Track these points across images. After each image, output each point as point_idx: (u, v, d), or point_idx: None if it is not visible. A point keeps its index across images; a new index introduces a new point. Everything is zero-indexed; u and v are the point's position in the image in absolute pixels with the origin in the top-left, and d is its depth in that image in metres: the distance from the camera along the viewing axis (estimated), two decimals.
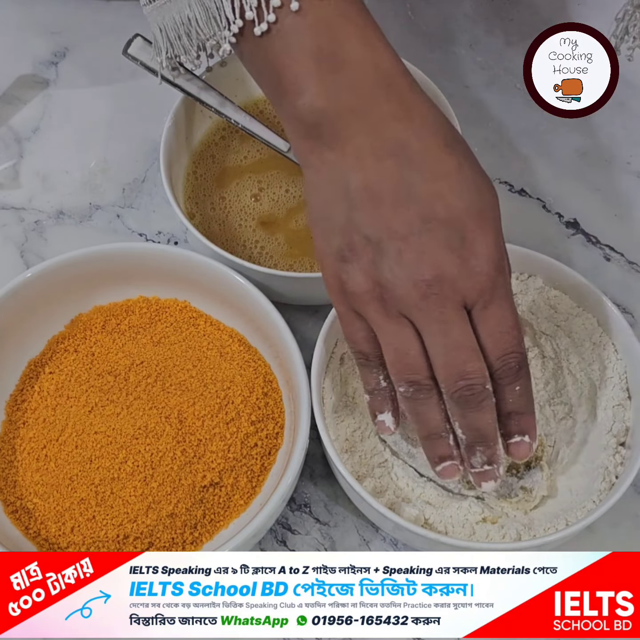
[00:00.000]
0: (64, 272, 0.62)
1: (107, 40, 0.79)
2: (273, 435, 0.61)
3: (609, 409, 0.59)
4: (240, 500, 0.59)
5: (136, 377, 0.62)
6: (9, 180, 0.74)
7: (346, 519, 0.62)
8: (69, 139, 0.76)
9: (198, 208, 0.68)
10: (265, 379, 0.62)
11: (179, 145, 0.67)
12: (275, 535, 0.61)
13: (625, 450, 0.58)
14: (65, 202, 0.73)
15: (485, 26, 0.81)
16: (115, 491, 0.58)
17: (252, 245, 0.67)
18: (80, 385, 0.62)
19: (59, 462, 0.59)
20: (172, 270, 0.63)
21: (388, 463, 0.58)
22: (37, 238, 0.72)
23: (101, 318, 0.65)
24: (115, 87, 0.78)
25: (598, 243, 0.72)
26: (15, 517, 0.59)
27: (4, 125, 0.76)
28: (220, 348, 0.63)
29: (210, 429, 0.60)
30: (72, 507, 0.58)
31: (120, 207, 0.73)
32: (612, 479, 0.56)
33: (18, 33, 0.81)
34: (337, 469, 0.55)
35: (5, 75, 0.78)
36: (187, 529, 0.58)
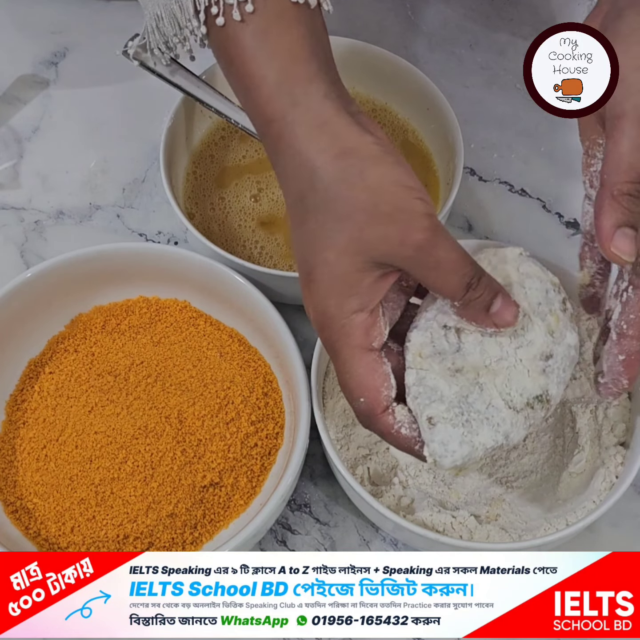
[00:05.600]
0: (64, 272, 0.62)
1: (107, 40, 0.79)
2: (273, 435, 0.61)
3: (609, 409, 0.59)
4: (240, 500, 0.59)
5: (136, 377, 0.62)
6: (9, 180, 0.74)
7: (346, 519, 0.62)
8: (69, 139, 0.76)
9: (198, 208, 0.68)
10: (265, 379, 0.62)
11: (179, 145, 0.67)
12: (275, 535, 0.61)
13: (625, 450, 0.58)
14: (65, 202, 0.73)
15: (485, 26, 0.81)
16: (115, 491, 0.58)
17: (252, 245, 0.67)
18: (80, 385, 0.62)
19: (59, 462, 0.59)
20: (172, 270, 0.63)
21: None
22: (37, 238, 0.72)
23: (101, 318, 0.65)
24: (115, 87, 0.78)
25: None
26: (15, 517, 0.59)
27: (4, 125, 0.76)
28: (220, 348, 0.63)
29: (210, 429, 0.60)
30: (72, 507, 0.58)
31: (120, 207, 0.73)
32: (612, 479, 0.56)
33: (18, 33, 0.81)
34: (337, 469, 0.56)
35: (5, 75, 0.78)
36: (187, 529, 0.58)
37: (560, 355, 0.50)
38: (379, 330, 0.49)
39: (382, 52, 0.69)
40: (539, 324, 0.49)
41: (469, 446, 0.48)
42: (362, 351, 0.49)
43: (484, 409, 0.48)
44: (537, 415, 0.49)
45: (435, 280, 0.48)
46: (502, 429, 0.48)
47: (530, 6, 0.82)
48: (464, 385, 0.49)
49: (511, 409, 0.48)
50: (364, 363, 0.49)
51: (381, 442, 0.59)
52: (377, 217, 0.46)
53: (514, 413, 0.48)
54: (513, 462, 0.58)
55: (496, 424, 0.48)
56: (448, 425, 0.48)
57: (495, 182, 0.74)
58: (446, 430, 0.48)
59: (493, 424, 0.48)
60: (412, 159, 0.70)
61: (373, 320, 0.49)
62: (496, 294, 0.48)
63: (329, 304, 0.48)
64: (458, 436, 0.48)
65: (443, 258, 0.47)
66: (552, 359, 0.49)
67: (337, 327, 0.48)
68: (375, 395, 0.49)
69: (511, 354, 0.49)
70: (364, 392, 0.49)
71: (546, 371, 0.49)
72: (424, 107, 0.69)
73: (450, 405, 0.48)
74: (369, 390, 0.49)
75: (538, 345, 0.49)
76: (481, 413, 0.48)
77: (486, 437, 0.48)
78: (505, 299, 0.49)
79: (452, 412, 0.48)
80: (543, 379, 0.49)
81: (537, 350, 0.49)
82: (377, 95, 0.72)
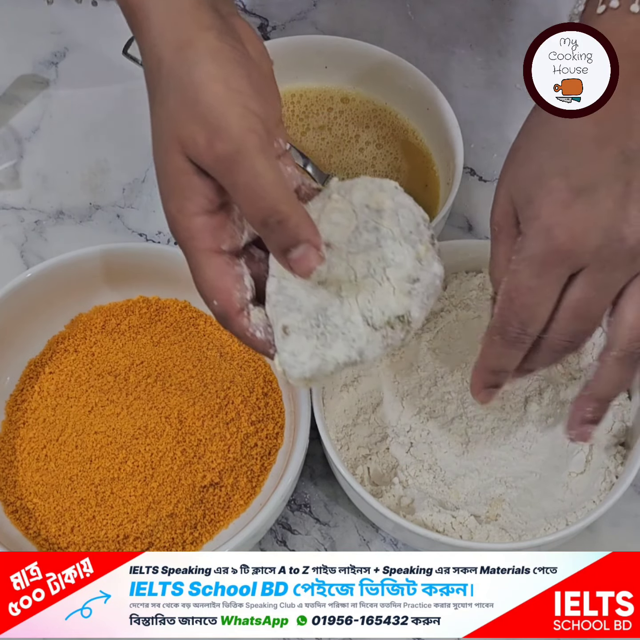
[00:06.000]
0: (64, 272, 0.62)
1: (107, 40, 0.79)
2: (273, 435, 0.61)
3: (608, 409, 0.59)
4: (240, 500, 0.59)
5: (136, 377, 0.62)
6: (9, 180, 0.74)
7: (346, 519, 0.62)
8: (69, 139, 0.76)
9: None
10: (265, 379, 0.62)
11: None
12: (275, 535, 0.61)
13: (625, 450, 0.58)
14: (65, 202, 0.73)
15: (485, 26, 0.81)
16: (115, 491, 0.58)
17: None
18: (80, 385, 0.62)
19: (59, 462, 0.59)
20: (172, 270, 0.63)
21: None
22: (37, 238, 0.72)
23: (101, 318, 0.65)
24: (115, 87, 0.78)
25: None
26: (15, 517, 0.59)
27: (4, 125, 0.76)
28: (220, 348, 0.63)
29: (210, 429, 0.60)
30: (72, 507, 0.58)
31: (120, 207, 0.73)
32: (612, 479, 0.56)
33: (18, 33, 0.81)
34: (337, 469, 0.56)
35: (5, 75, 0.78)
36: (187, 529, 0.58)
37: (427, 281, 0.49)
38: (228, 233, 0.47)
39: (382, 52, 0.69)
40: (409, 250, 0.49)
41: (319, 359, 0.47)
42: (210, 254, 0.47)
43: (341, 324, 0.48)
44: (395, 335, 0.48)
45: (236, 201, 0.46)
46: (357, 345, 0.47)
47: (530, 6, 0.82)
48: (325, 297, 0.48)
49: (369, 326, 0.48)
50: (213, 266, 0.47)
51: (381, 442, 0.59)
52: (194, 116, 0.44)
53: (372, 330, 0.48)
54: (513, 461, 0.58)
55: (352, 339, 0.47)
56: (302, 336, 0.47)
57: (495, 182, 0.74)
58: (299, 341, 0.47)
59: (348, 340, 0.47)
60: (412, 159, 0.70)
61: (218, 223, 0.47)
62: (299, 242, 0.45)
63: (171, 207, 0.47)
64: (310, 348, 0.47)
65: (242, 182, 0.44)
66: (418, 282, 0.49)
67: (183, 231, 0.47)
68: (227, 297, 0.48)
69: (379, 272, 0.48)
70: (216, 295, 0.48)
71: (412, 293, 0.48)
72: (424, 107, 0.69)
73: (307, 316, 0.47)
74: (221, 293, 0.48)
75: (406, 268, 0.49)
76: (338, 327, 0.47)
77: (339, 352, 0.47)
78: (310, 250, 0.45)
79: (308, 323, 0.47)
80: (407, 300, 0.48)
81: (405, 272, 0.49)
82: (377, 95, 0.72)
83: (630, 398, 0.59)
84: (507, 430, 0.59)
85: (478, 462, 0.58)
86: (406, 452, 0.59)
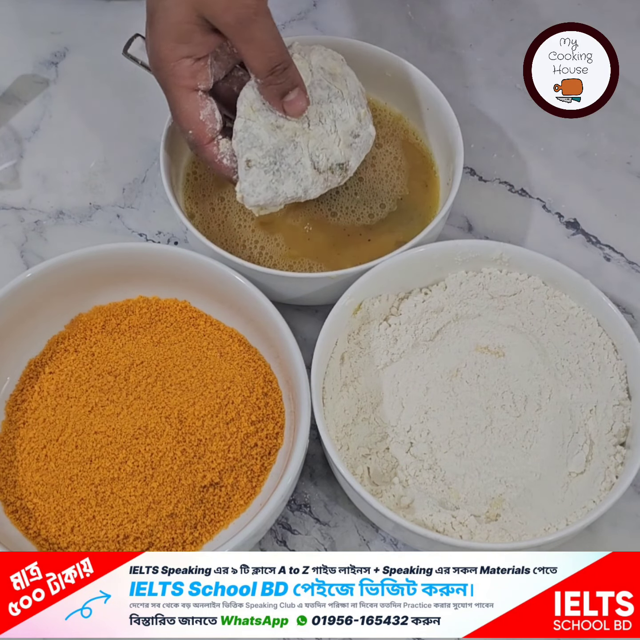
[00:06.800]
0: (64, 272, 0.62)
1: (107, 40, 0.79)
2: (273, 435, 0.61)
3: (609, 409, 0.59)
4: (240, 500, 0.59)
5: (136, 377, 0.62)
6: (9, 180, 0.74)
7: (346, 519, 0.62)
8: (69, 139, 0.76)
9: (198, 208, 0.68)
10: (265, 379, 0.62)
11: (179, 145, 0.67)
12: (275, 535, 0.61)
13: (625, 450, 0.58)
14: (65, 202, 0.73)
15: (485, 26, 0.81)
16: (115, 491, 0.58)
17: (252, 245, 0.67)
18: (80, 385, 0.62)
19: (59, 462, 0.59)
20: (172, 270, 0.63)
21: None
22: (37, 238, 0.72)
23: (101, 318, 0.65)
24: (115, 87, 0.78)
25: (598, 243, 0.72)
26: (15, 517, 0.59)
27: (4, 125, 0.76)
28: (220, 348, 0.63)
29: (210, 429, 0.60)
30: (72, 507, 0.58)
31: (120, 207, 0.73)
32: (612, 479, 0.56)
33: (18, 33, 0.81)
34: (337, 469, 0.56)
35: (5, 75, 0.78)
36: (187, 529, 0.58)
37: (364, 139, 0.61)
38: (205, 76, 0.58)
39: (382, 52, 0.69)
40: (353, 110, 0.59)
41: (272, 192, 0.58)
42: (189, 91, 0.58)
43: (293, 164, 0.58)
44: (334, 179, 0.60)
45: (246, 54, 0.55)
46: (303, 184, 0.59)
47: (530, 6, 0.82)
48: (282, 140, 0.58)
49: (315, 169, 0.58)
50: (190, 100, 0.58)
51: (381, 441, 0.59)
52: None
53: (317, 173, 0.59)
54: (513, 461, 0.58)
55: (300, 179, 0.58)
56: (261, 170, 0.58)
57: (495, 182, 0.74)
58: (258, 174, 0.58)
59: (297, 179, 0.58)
60: (412, 159, 0.70)
61: (200, 67, 0.57)
62: (295, 86, 0.57)
63: (163, 47, 0.56)
64: (266, 182, 0.58)
65: (257, 37, 0.54)
66: (358, 138, 0.60)
67: (168, 68, 0.57)
68: (200, 128, 0.58)
69: (329, 123, 0.59)
70: (191, 125, 0.58)
71: (352, 146, 0.60)
72: (424, 107, 0.69)
73: (267, 153, 0.58)
74: (195, 124, 0.58)
75: (350, 124, 0.59)
76: (290, 167, 0.58)
77: (289, 188, 0.58)
78: (302, 94, 0.57)
79: (267, 159, 0.58)
80: (348, 151, 0.60)
81: (350, 128, 0.59)
82: (377, 96, 0.72)
83: (630, 398, 0.59)
84: (507, 430, 0.59)
85: (478, 461, 0.58)
86: (406, 451, 0.59)
